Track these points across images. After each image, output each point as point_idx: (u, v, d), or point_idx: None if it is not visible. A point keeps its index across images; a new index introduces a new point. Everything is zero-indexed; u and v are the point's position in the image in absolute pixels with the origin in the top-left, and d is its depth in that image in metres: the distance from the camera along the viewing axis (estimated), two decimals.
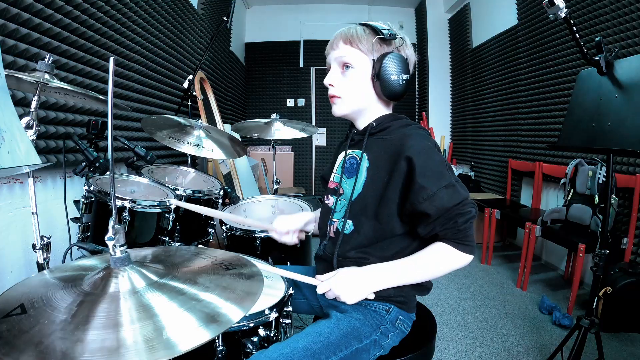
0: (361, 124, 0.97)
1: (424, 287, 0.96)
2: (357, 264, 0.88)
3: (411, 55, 0.93)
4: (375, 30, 0.87)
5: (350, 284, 0.84)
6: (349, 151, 0.98)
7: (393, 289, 0.90)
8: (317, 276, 0.88)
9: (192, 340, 0.48)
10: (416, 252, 0.86)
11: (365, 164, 0.91)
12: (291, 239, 1.14)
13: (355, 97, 0.92)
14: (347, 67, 0.90)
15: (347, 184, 0.95)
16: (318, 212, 1.17)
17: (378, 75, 0.87)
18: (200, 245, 1.09)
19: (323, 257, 0.99)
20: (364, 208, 0.90)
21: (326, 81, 0.93)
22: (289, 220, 1.14)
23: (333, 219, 0.97)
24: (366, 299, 0.86)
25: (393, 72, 0.86)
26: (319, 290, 0.84)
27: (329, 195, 1.02)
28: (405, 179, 0.83)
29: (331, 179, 1.03)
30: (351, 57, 0.89)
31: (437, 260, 0.84)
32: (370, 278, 0.84)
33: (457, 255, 0.82)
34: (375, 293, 0.91)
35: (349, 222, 0.92)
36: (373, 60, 0.88)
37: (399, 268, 0.85)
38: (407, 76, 0.89)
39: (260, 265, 0.86)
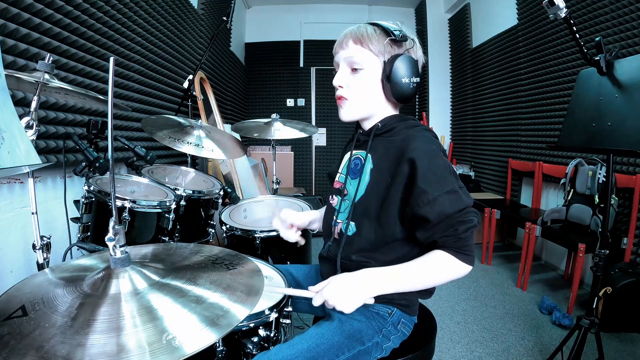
0: (367, 125, 0.95)
1: (427, 291, 0.94)
2: (359, 267, 0.85)
3: (421, 57, 0.90)
4: (386, 31, 0.85)
5: (344, 293, 0.79)
6: (354, 152, 0.97)
7: None
8: (310, 288, 0.84)
9: (196, 343, 0.48)
10: (415, 259, 0.82)
11: (369, 165, 0.90)
12: (293, 235, 1.11)
13: (364, 99, 0.90)
14: (357, 68, 0.87)
15: (351, 185, 0.94)
16: (322, 210, 1.16)
17: (389, 78, 0.85)
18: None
19: (327, 257, 0.99)
20: (366, 210, 0.89)
21: (335, 82, 0.90)
22: (295, 215, 1.11)
23: (337, 220, 0.97)
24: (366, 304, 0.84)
25: (404, 75, 0.84)
26: (315, 303, 0.81)
27: (334, 195, 1.01)
28: (407, 181, 0.81)
29: (336, 179, 1.03)
30: (361, 58, 0.86)
31: (435, 269, 0.80)
32: (364, 284, 0.80)
33: (456, 265, 0.78)
34: (377, 296, 0.90)
35: (352, 223, 0.91)
36: (384, 61, 0.85)
37: (394, 274, 0.81)
38: (418, 79, 0.87)
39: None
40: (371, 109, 0.92)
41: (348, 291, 0.79)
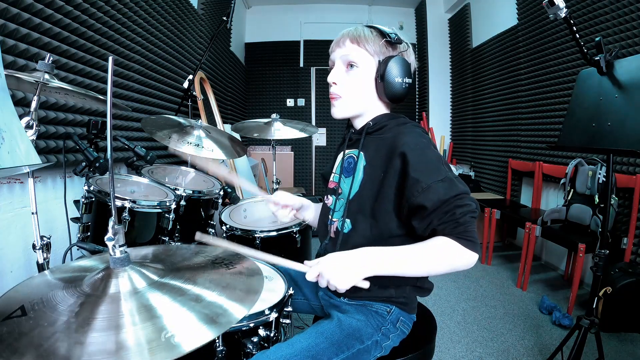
0: (359, 124, 0.97)
1: (425, 288, 0.95)
2: None
3: (413, 61, 0.93)
4: (382, 33, 0.88)
5: (340, 268, 0.78)
6: (347, 151, 0.98)
7: (394, 290, 0.90)
8: (306, 262, 0.82)
9: (194, 340, 0.48)
10: (415, 243, 0.80)
11: (362, 162, 0.91)
12: (286, 214, 1.12)
13: (357, 97, 0.92)
14: (352, 66, 0.89)
15: (345, 184, 0.95)
16: (317, 205, 1.16)
17: (382, 77, 0.87)
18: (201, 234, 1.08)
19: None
20: (361, 206, 0.90)
21: (330, 78, 0.92)
22: (289, 195, 1.13)
23: (333, 219, 0.97)
24: (362, 290, 0.83)
25: (397, 75, 0.87)
26: (308, 277, 0.80)
27: (329, 195, 1.02)
28: (400, 175, 0.82)
29: (331, 179, 1.04)
30: (357, 56, 0.88)
31: (436, 253, 0.77)
32: (361, 261, 0.79)
33: (458, 251, 0.75)
34: (374, 294, 0.90)
35: (347, 221, 0.92)
36: (379, 61, 0.88)
37: (393, 254, 0.79)
38: (410, 80, 0.89)
39: (248, 251, 0.80)
40: (363, 106, 0.94)
41: (344, 266, 0.78)
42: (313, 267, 0.80)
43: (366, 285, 0.79)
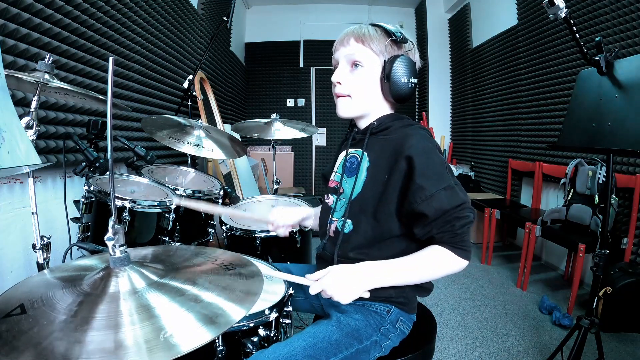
0: (363, 124, 0.96)
1: (425, 289, 0.95)
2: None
3: (418, 60, 0.92)
4: (387, 32, 0.87)
5: (342, 283, 0.79)
6: (350, 150, 0.98)
7: (394, 290, 0.90)
8: (307, 275, 0.84)
9: (193, 340, 0.48)
10: (412, 254, 0.84)
11: (365, 163, 0.91)
12: (284, 232, 1.18)
13: (364, 96, 0.91)
14: (357, 65, 0.89)
15: (347, 183, 0.95)
16: (317, 208, 1.17)
17: (388, 76, 0.86)
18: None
19: (323, 256, 0.99)
20: (363, 207, 0.90)
21: (334, 78, 0.91)
22: (286, 214, 1.15)
23: (333, 218, 0.97)
24: (363, 299, 0.85)
25: (403, 75, 0.86)
26: (312, 291, 0.81)
27: (329, 194, 1.02)
28: (405, 178, 0.82)
29: (332, 177, 1.03)
30: (362, 56, 0.88)
31: (432, 263, 0.81)
32: (362, 276, 0.81)
33: (452, 259, 0.80)
34: (374, 294, 0.90)
35: (349, 221, 0.92)
36: (384, 60, 0.87)
37: (392, 267, 0.82)
38: (416, 80, 0.89)
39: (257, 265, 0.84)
40: (368, 106, 0.93)
41: (346, 282, 0.80)
42: (317, 282, 0.81)
43: (367, 295, 0.81)
